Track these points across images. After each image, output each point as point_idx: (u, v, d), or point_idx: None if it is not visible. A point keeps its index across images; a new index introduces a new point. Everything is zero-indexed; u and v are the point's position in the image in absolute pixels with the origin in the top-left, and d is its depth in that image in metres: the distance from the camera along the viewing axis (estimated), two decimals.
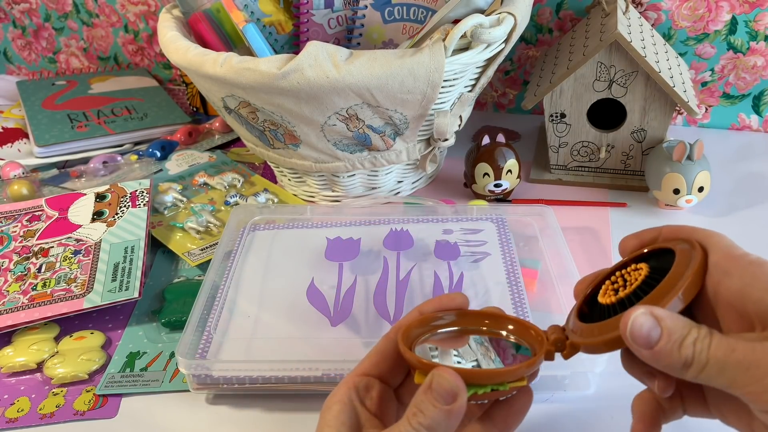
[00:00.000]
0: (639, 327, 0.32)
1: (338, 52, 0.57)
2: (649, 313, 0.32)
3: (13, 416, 0.52)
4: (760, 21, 0.78)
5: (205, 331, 0.54)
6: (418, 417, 0.34)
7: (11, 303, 0.59)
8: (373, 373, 0.39)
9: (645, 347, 0.32)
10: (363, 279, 0.59)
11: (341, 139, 0.64)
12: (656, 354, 0.32)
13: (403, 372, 0.40)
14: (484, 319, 0.41)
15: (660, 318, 0.32)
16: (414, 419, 0.34)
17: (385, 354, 0.40)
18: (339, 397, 0.38)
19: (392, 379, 0.40)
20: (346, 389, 0.38)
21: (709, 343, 0.31)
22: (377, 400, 0.38)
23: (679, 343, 0.32)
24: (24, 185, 0.76)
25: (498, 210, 0.67)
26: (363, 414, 0.38)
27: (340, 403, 0.37)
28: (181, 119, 0.91)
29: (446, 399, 0.33)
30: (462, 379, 0.34)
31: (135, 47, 1.03)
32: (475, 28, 0.58)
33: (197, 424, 0.51)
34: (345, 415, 0.37)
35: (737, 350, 0.31)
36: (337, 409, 0.37)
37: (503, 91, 0.92)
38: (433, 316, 0.40)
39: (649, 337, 0.32)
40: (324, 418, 0.37)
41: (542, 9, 0.84)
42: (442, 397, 0.33)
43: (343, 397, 0.38)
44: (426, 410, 0.34)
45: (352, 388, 0.38)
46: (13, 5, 1.04)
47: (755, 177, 0.76)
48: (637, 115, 0.70)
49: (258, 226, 0.67)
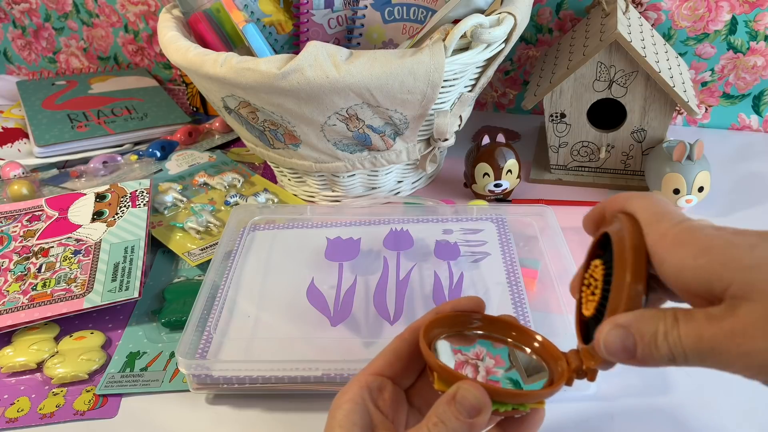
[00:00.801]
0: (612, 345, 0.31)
1: (338, 52, 0.57)
2: (614, 326, 0.31)
3: (13, 416, 0.52)
4: (760, 21, 0.78)
5: (205, 331, 0.54)
6: (439, 427, 0.33)
7: (11, 303, 0.59)
8: (387, 374, 0.38)
9: (629, 357, 0.31)
10: (363, 279, 0.59)
11: (341, 139, 0.64)
12: (641, 361, 0.31)
13: (415, 374, 0.39)
14: (511, 330, 0.39)
15: (625, 325, 0.31)
16: (435, 429, 0.33)
17: (399, 355, 0.38)
18: (350, 395, 0.36)
19: (404, 380, 0.39)
20: (358, 388, 0.37)
21: (678, 335, 0.30)
22: (389, 402, 0.37)
23: (653, 342, 0.30)
24: (24, 185, 0.76)
25: (498, 210, 0.67)
26: (376, 415, 0.36)
27: (352, 402, 0.36)
28: (181, 119, 0.91)
29: (470, 413, 0.33)
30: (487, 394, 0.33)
31: (135, 47, 1.03)
32: (475, 28, 0.58)
33: (197, 424, 0.51)
34: (357, 414, 0.36)
35: (704, 338, 0.29)
36: (349, 408, 0.36)
37: (503, 91, 0.92)
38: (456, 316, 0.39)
39: (626, 348, 0.31)
40: (334, 417, 0.36)
41: (542, 9, 0.84)
42: (467, 411, 0.33)
43: (355, 396, 0.36)
44: (448, 421, 0.33)
45: (364, 388, 0.37)
46: (13, 5, 1.04)
47: (755, 177, 0.76)
48: (637, 115, 0.70)
49: (258, 226, 0.67)
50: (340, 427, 0.35)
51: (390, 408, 0.37)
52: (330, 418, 0.36)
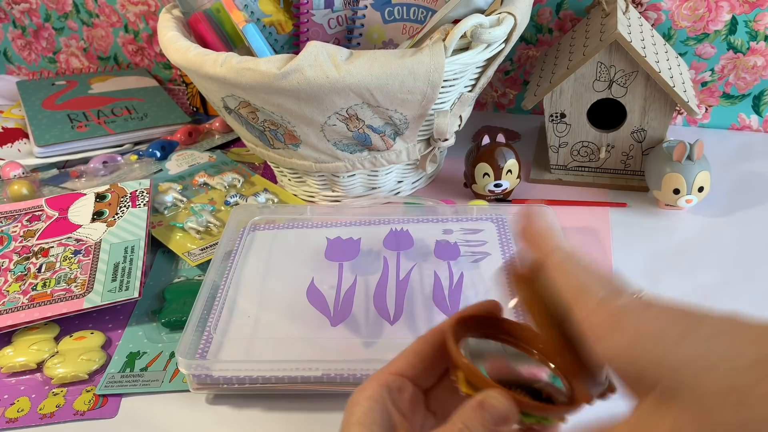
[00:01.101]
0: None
1: (338, 52, 0.57)
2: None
3: (13, 416, 0.52)
4: (760, 21, 0.78)
5: (205, 331, 0.54)
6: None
7: (11, 303, 0.59)
8: (408, 374, 0.37)
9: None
10: (363, 279, 0.59)
11: (341, 139, 0.64)
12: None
13: (435, 376, 0.39)
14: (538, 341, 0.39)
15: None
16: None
17: (422, 356, 0.38)
18: (370, 393, 0.35)
19: (424, 382, 0.38)
20: (378, 386, 0.36)
21: None
22: (408, 403, 0.37)
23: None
24: (24, 185, 0.76)
25: (498, 210, 0.67)
26: (395, 415, 0.35)
27: (372, 399, 0.35)
28: (181, 119, 0.91)
29: (497, 421, 0.32)
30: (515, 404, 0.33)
31: (135, 47, 1.03)
32: (475, 28, 0.58)
33: (197, 424, 0.51)
34: (377, 413, 0.34)
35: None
36: (368, 406, 0.35)
37: (503, 91, 0.92)
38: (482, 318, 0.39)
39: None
40: (352, 413, 0.34)
41: (542, 9, 0.84)
42: (494, 419, 0.32)
43: (375, 394, 0.35)
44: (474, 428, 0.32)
45: (384, 386, 0.36)
46: (13, 5, 1.04)
47: (755, 177, 0.76)
48: (637, 115, 0.70)
49: (258, 226, 0.67)
50: (360, 424, 0.34)
51: (409, 409, 0.37)
52: (348, 414, 0.35)
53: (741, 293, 0.60)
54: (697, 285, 0.61)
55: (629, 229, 0.69)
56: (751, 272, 0.63)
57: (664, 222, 0.70)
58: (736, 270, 0.63)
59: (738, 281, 0.62)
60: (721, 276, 0.62)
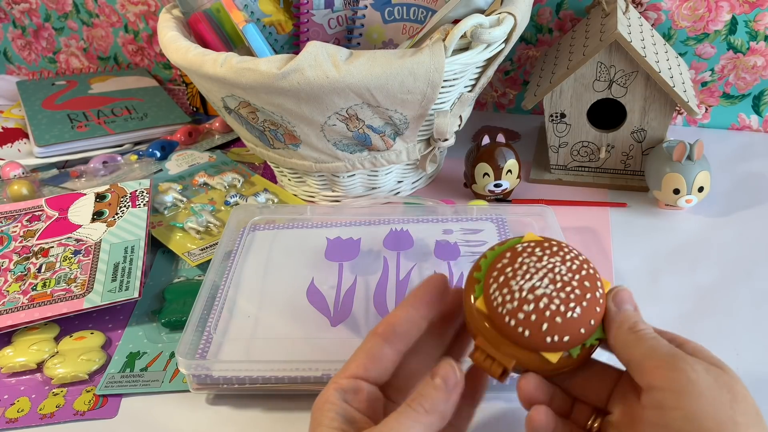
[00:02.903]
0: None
1: (338, 52, 0.57)
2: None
3: (13, 416, 0.52)
4: (760, 21, 0.78)
5: (205, 331, 0.54)
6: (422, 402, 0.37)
7: (11, 303, 0.59)
8: (361, 375, 0.39)
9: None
10: (363, 279, 0.59)
11: (341, 139, 0.64)
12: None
13: (390, 371, 0.41)
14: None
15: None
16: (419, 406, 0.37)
17: (373, 356, 0.40)
18: (327, 397, 0.38)
19: (379, 379, 0.40)
20: (333, 390, 0.39)
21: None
22: (366, 402, 0.39)
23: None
24: (24, 185, 0.76)
25: (498, 210, 0.67)
26: (356, 415, 0.38)
27: (330, 403, 0.38)
28: (181, 119, 0.91)
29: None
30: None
31: (135, 47, 1.03)
32: (475, 28, 0.58)
33: (197, 424, 0.51)
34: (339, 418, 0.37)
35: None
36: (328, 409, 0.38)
37: (503, 91, 0.92)
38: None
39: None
40: (316, 419, 0.38)
41: (542, 9, 0.84)
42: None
43: (332, 398, 0.38)
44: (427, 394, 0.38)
45: (339, 390, 0.39)
46: (13, 5, 1.04)
47: (755, 177, 0.76)
48: (637, 115, 0.70)
49: (258, 226, 0.67)
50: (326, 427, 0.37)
51: (368, 407, 0.39)
52: (313, 420, 0.38)
53: (740, 293, 0.60)
54: (697, 285, 0.61)
55: (629, 229, 0.69)
56: (751, 272, 0.63)
57: (664, 222, 0.70)
58: (735, 270, 0.63)
59: (737, 281, 0.62)
60: (721, 276, 0.62)
